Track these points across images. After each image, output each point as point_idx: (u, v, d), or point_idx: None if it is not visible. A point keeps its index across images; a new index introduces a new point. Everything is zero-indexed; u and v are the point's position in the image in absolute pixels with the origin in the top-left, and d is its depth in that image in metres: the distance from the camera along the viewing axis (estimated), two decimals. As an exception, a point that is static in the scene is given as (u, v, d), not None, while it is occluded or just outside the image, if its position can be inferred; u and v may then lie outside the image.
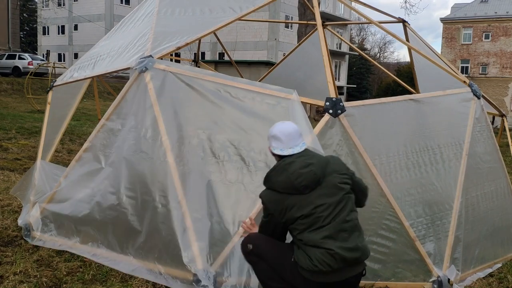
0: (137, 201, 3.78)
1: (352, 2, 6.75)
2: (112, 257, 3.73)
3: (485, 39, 42.73)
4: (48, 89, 5.35)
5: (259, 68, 20.47)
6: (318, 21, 4.53)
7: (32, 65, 24.88)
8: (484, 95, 4.58)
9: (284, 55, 11.80)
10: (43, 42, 46.58)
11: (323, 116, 3.59)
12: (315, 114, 16.28)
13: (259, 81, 7.50)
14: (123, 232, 3.80)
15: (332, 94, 3.71)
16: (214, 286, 3.30)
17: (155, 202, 3.73)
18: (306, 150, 2.85)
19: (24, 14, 49.10)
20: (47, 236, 4.09)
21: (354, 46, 9.05)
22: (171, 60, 16.61)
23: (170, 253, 3.56)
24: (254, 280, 3.40)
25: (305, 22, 10.67)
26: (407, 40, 6.10)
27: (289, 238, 2.90)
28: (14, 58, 26.72)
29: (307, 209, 2.66)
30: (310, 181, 2.68)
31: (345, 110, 3.55)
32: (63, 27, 45.10)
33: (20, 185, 5.32)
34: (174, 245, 3.55)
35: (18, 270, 3.50)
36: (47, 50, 45.29)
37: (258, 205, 3.42)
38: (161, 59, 3.95)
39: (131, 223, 3.78)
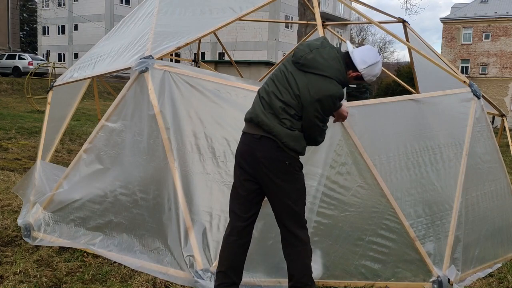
0: (137, 201, 3.79)
1: (352, 2, 6.74)
2: (119, 255, 3.76)
3: (485, 39, 42.70)
4: (48, 89, 5.34)
5: (259, 68, 20.46)
6: (318, 21, 4.53)
7: (32, 65, 24.87)
8: (484, 95, 4.57)
9: (284, 55, 11.78)
10: (43, 42, 46.56)
11: None
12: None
13: (259, 81, 7.49)
14: (130, 231, 3.83)
15: (332, 94, 3.71)
16: (215, 286, 3.30)
17: (155, 202, 3.74)
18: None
19: (24, 14, 49.05)
20: (50, 236, 4.09)
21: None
22: (171, 60, 16.59)
23: (171, 253, 3.56)
24: (254, 280, 3.42)
25: (305, 22, 10.65)
26: (407, 40, 6.10)
27: None
28: (14, 58, 26.72)
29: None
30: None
31: (345, 110, 3.55)
32: (63, 27, 45.07)
33: (21, 184, 5.32)
34: (175, 245, 3.56)
35: (18, 270, 3.50)
36: (47, 50, 45.30)
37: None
38: (161, 59, 3.95)
39: (135, 223, 3.79)
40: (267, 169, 2.85)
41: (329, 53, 2.90)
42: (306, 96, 2.82)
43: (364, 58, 2.95)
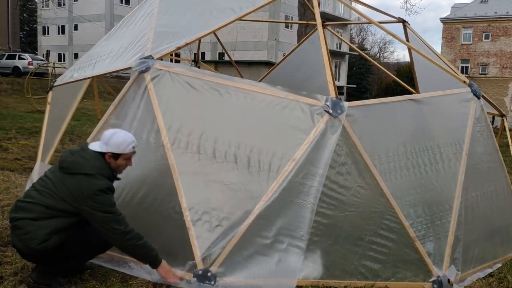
0: (137, 201, 3.79)
1: (352, 2, 6.75)
2: (115, 259, 3.72)
3: (485, 39, 42.71)
4: (48, 89, 5.34)
5: (259, 68, 20.48)
6: (318, 21, 4.54)
7: (32, 65, 24.84)
8: (484, 95, 4.57)
9: (284, 55, 11.79)
10: (43, 42, 46.59)
11: None
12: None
13: (259, 81, 7.50)
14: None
15: (332, 94, 3.72)
16: (214, 287, 3.30)
17: (155, 203, 3.74)
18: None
19: (24, 14, 49.07)
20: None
21: (354, 46, 9.06)
22: (171, 60, 16.58)
23: (171, 254, 3.56)
24: (254, 280, 3.41)
25: (305, 22, 10.64)
26: (407, 40, 6.10)
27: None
28: (14, 58, 26.72)
29: None
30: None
31: (345, 110, 3.56)
32: (63, 27, 45.11)
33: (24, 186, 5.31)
34: (174, 246, 3.56)
35: (18, 270, 3.50)
36: (47, 50, 45.27)
37: (258, 205, 3.43)
38: (161, 59, 3.95)
39: (135, 223, 3.77)
40: None
41: (89, 154, 3.23)
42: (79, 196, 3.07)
43: (101, 142, 3.28)
